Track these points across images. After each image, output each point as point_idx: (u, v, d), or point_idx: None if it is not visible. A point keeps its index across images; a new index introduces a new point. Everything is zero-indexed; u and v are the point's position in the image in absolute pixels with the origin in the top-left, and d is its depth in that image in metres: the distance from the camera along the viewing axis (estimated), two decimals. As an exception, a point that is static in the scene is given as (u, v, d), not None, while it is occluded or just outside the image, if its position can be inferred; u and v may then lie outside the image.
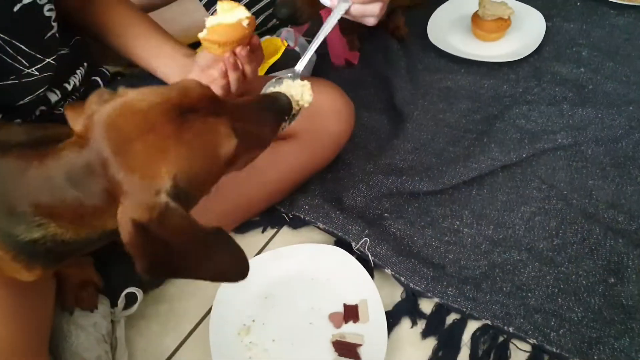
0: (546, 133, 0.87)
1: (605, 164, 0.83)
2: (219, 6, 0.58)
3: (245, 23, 0.57)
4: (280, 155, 0.75)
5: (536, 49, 1.00)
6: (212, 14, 0.62)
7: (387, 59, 1.03)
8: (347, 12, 0.63)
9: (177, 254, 0.41)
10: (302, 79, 0.62)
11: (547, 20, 1.05)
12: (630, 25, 1.04)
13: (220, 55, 0.60)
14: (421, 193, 0.82)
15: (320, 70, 1.03)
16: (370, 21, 0.64)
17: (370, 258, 0.73)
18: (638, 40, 1.01)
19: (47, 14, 0.59)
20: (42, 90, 0.61)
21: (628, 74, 0.95)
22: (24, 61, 0.57)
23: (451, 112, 0.93)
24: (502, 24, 1.02)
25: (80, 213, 0.41)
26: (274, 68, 0.96)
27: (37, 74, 0.59)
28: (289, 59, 1.01)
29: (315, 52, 1.00)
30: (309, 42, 1.04)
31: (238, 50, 0.62)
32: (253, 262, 0.60)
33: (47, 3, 0.58)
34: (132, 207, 0.39)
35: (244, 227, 0.79)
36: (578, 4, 1.11)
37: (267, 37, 1.04)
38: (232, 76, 0.61)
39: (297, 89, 0.60)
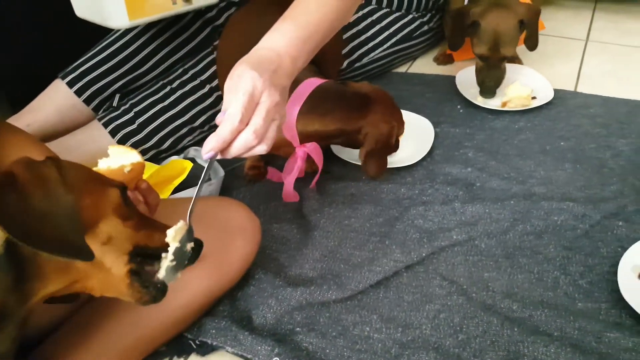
0: (442, 231, 0.94)
1: (498, 256, 0.90)
2: (110, 150, 0.61)
3: (126, 170, 0.59)
4: (184, 281, 0.75)
5: (428, 153, 1.11)
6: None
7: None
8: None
9: None
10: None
11: (435, 127, 1.18)
12: (506, 127, 1.19)
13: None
14: (331, 302, 0.83)
15: (230, 185, 1.07)
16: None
17: (282, 378, 0.71)
18: (514, 140, 1.15)
19: None
20: None
21: (508, 170, 1.06)
22: None
23: (356, 217, 0.98)
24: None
25: None
26: (182, 187, 0.99)
27: None
28: (196, 176, 1.04)
29: (223, 168, 1.06)
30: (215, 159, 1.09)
31: (137, 184, 0.64)
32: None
33: None
34: None
35: (149, 358, 0.75)
36: (461, 110, 1.26)
37: (174, 158, 1.09)
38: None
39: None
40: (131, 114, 1.11)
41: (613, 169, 1.05)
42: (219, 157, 0.60)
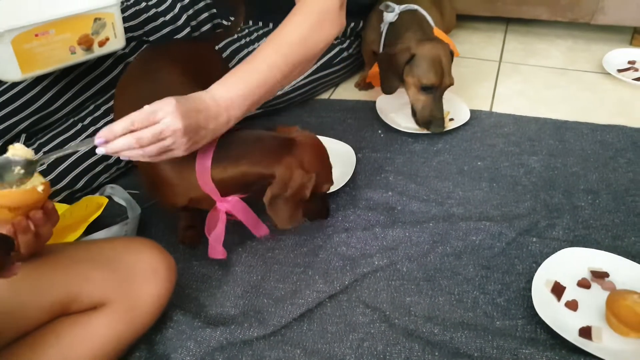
0: (364, 257, 0.94)
1: (419, 279, 0.91)
2: (10, 149, 0.62)
3: (40, 189, 0.60)
4: (91, 328, 0.71)
5: (350, 178, 1.11)
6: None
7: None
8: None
9: None
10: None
11: (357, 152, 1.19)
12: (424, 150, 1.22)
13: (10, 220, 0.59)
14: (254, 339, 0.81)
15: (149, 221, 1.03)
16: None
17: None
18: (432, 162, 1.18)
19: None
20: None
21: (427, 192, 1.09)
22: None
23: (280, 249, 0.97)
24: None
25: None
26: (96, 225, 0.94)
27: None
28: (112, 215, 1.00)
29: (141, 206, 1.02)
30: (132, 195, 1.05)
31: (32, 213, 0.61)
32: None
33: None
34: None
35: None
36: (382, 135, 1.28)
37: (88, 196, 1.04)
38: (22, 239, 0.60)
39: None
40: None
41: (526, 186, 1.10)
42: (104, 151, 0.68)
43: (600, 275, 0.88)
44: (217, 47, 1.21)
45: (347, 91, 1.49)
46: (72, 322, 0.71)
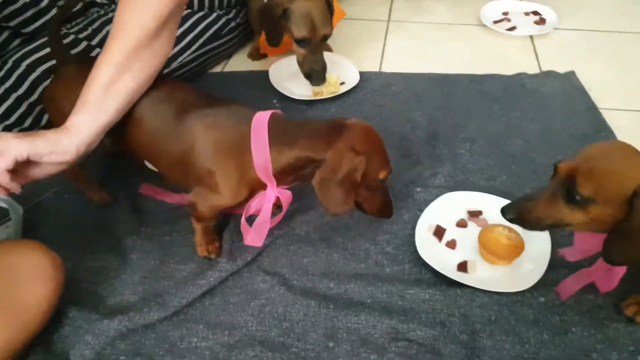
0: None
1: (316, 240, 0.95)
2: None
3: None
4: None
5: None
6: None
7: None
8: None
9: None
10: None
11: (252, 124, 1.20)
12: (318, 116, 1.25)
13: None
14: (156, 322, 0.82)
15: (37, 220, 0.99)
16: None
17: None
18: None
19: None
20: None
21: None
22: None
23: (178, 232, 0.97)
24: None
25: None
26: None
27: None
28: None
29: (25, 205, 0.98)
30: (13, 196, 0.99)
31: None
32: None
33: None
34: None
35: None
36: (277, 104, 1.30)
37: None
38: None
39: None
40: None
41: (411, 140, 1.17)
42: None
43: (475, 214, 0.97)
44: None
45: (240, 62, 1.48)
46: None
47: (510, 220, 0.73)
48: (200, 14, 1.33)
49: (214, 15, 1.35)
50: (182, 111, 0.81)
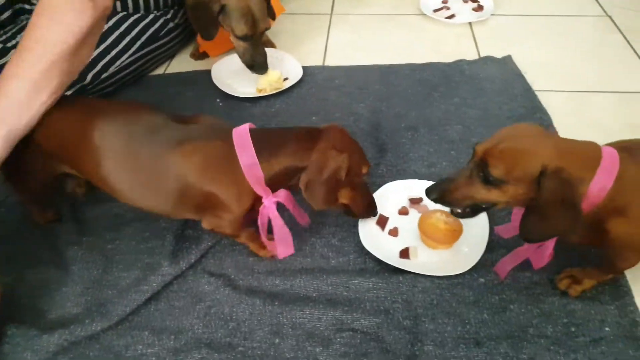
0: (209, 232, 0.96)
1: (261, 238, 0.96)
2: None
3: None
4: None
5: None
6: None
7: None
8: None
9: None
10: None
11: (195, 126, 1.19)
12: (263, 113, 1.25)
13: None
14: (100, 332, 0.81)
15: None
16: None
17: None
18: (271, 124, 1.22)
19: None
20: None
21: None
22: None
23: (121, 239, 0.96)
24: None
25: None
26: None
27: None
28: None
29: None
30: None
31: None
32: None
33: None
34: None
35: None
36: (221, 103, 1.29)
37: None
38: None
39: None
40: None
41: (355, 133, 1.19)
42: None
43: (416, 201, 1.00)
44: None
45: (182, 63, 1.46)
46: None
47: (434, 200, 0.76)
48: (136, 16, 1.30)
49: (151, 16, 1.33)
50: (157, 145, 0.79)
